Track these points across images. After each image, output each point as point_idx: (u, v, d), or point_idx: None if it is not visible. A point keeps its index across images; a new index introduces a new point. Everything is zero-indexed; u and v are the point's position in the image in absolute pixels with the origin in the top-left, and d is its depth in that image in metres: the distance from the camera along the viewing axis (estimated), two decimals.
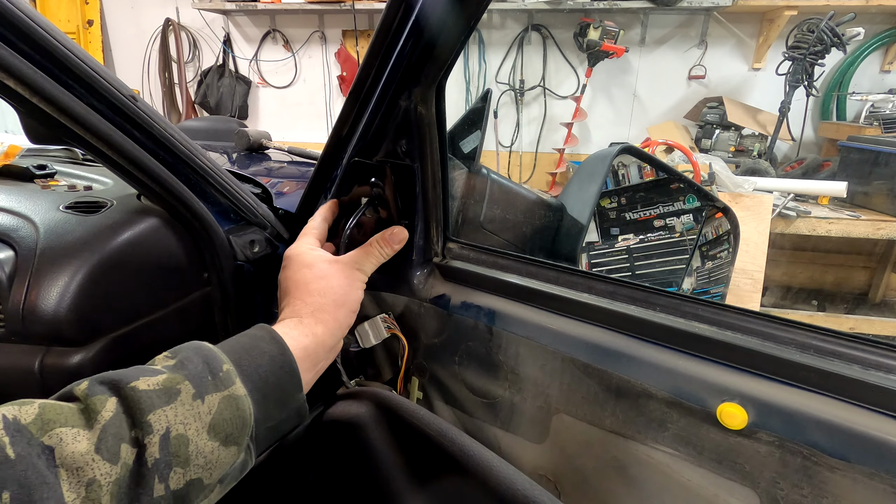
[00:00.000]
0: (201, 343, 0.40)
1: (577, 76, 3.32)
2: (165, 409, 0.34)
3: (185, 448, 0.34)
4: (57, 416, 0.31)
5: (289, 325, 0.48)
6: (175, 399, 0.35)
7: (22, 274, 0.55)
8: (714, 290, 1.21)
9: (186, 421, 0.35)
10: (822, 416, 0.38)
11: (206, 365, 0.38)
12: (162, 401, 0.34)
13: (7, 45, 0.42)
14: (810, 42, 2.46)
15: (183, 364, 0.37)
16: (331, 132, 0.62)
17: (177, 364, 0.37)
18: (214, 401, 0.36)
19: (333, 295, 0.51)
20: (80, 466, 0.30)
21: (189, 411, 0.35)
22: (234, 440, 0.37)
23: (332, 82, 3.69)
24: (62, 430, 0.31)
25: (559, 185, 3.29)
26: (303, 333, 0.48)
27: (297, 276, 0.53)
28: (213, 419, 0.36)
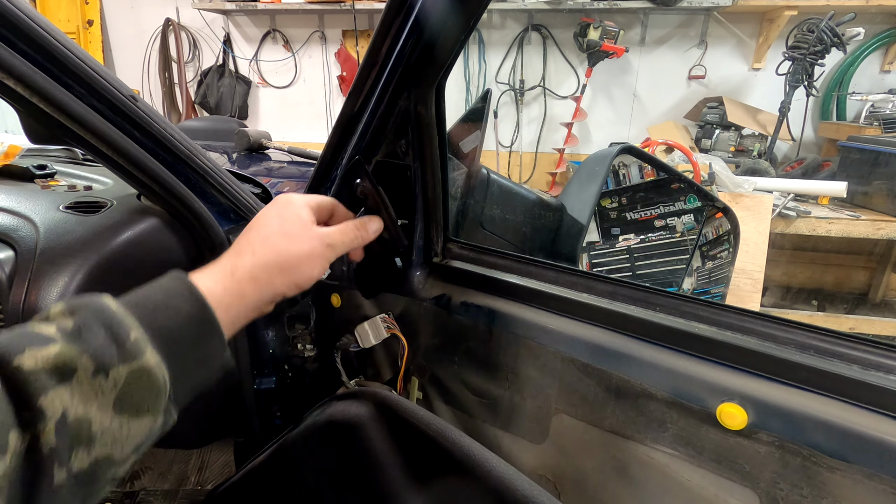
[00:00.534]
0: (103, 301, 0.35)
1: (577, 76, 3.32)
2: (58, 390, 0.30)
3: (88, 428, 0.31)
4: None
5: (216, 276, 0.43)
6: (71, 378, 0.31)
7: (22, 274, 0.55)
8: (714, 290, 1.21)
9: (87, 399, 0.31)
10: (822, 416, 0.38)
11: (110, 333, 0.33)
12: (53, 381, 0.30)
13: (7, 45, 0.42)
14: (810, 42, 2.46)
15: (80, 333, 0.33)
16: (331, 132, 0.62)
17: (73, 331, 0.33)
18: (121, 374, 0.32)
19: (287, 259, 0.47)
20: None
21: (89, 389, 0.31)
22: (147, 410, 0.34)
23: (332, 82, 3.69)
24: None
25: (559, 185, 3.29)
26: (228, 290, 0.43)
27: (265, 220, 0.48)
28: (120, 394, 0.32)
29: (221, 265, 0.45)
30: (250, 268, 0.45)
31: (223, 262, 0.45)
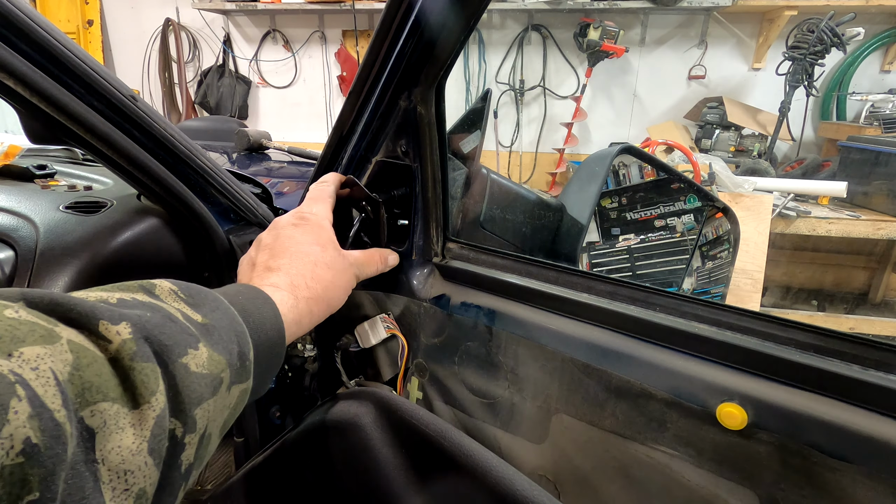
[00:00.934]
0: (230, 309, 0.34)
1: (577, 76, 3.32)
2: (209, 403, 0.28)
3: (206, 449, 0.30)
4: (97, 380, 0.23)
5: (286, 302, 0.43)
6: (218, 391, 0.29)
7: (22, 274, 0.55)
8: (714, 290, 1.21)
9: (215, 418, 0.30)
10: (822, 416, 0.38)
11: (238, 349, 0.32)
12: (209, 391, 0.28)
13: (7, 45, 0.42)
14: (810, 42, 2.46)
15: (215, 336, 0.31)
16: (331, 132, 0.62)
17: (209, 332, 0.31)
18: (235, 393, 0.32)
19: (332, 293, 0.47)
20: (129, 470, 0.23)
21: (220, 402, 0.30)
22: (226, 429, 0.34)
23: (332, 82, 3.69)
24: (105, 407, 0.22)
25: (559, 185, 3.29)
26: (293, 320, 0.43)
27: (308, 248, 0.47)
28: (229, 415, 0.32)
29: (284, 296, 0.43)
30: (307, 301, 0.44)
31: (286, 293, 0.43)
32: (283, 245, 0.47)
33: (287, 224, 0.50)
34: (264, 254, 0.47)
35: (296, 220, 0.50)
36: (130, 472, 0.23)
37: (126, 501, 0.22)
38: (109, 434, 0.22)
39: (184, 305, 0.31)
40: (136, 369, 0.24)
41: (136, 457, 0.23)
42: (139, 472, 0.23)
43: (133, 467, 0.23)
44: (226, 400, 0.30)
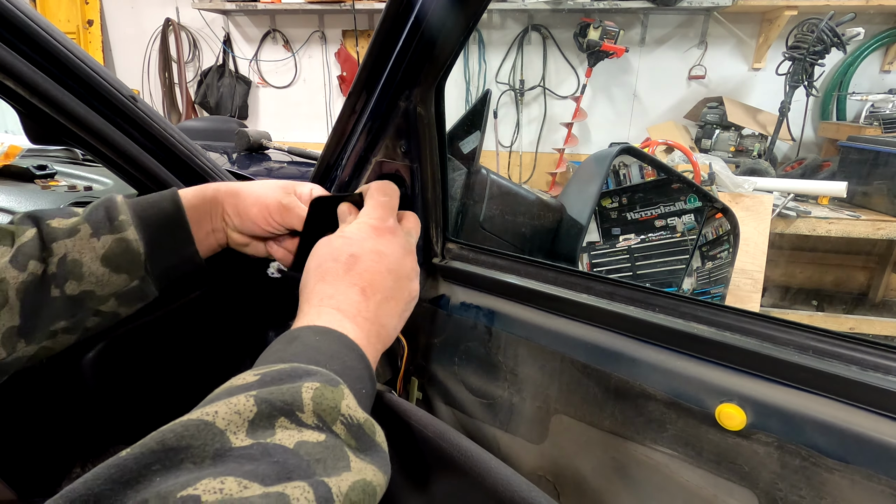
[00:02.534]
0: (114, 195, 0.48)
1: (577, 76, 3.32)
2: (66, 241, 0.45)
3: (79, 268, 0.45)
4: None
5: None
6: (75, 235, 0.45)
7: None
8: (714, 291, 1.21)
9: (82, 251, 0.45)
10: (821, 417, 0.38)
11: (107, 214, 0.47)
12: (64, 234, 0.45)
13: (7, 45, 0.42)
14: (810, 42, 2.46)
15: (90, 212, 0.47)
16: (331, 132, 0.62)
17: (85, 211, 0.47)
18: (108, 240, 0.46)
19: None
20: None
21: (85, 244, 0.45)
22: (125, 269, 0.47)
23: (332, 82, 3.69)
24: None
25: (559, 185, 3.29)
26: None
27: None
28: (105, 253, 0.46)
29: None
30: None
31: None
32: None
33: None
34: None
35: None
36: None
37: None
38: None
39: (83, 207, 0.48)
40: (16, 228, 0.46)
41: (1, 265, 0.44)
42: (2, 271, 0.44)
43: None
44: (92, 242, 0.46)
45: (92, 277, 0.46)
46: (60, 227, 0.46)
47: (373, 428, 0.35)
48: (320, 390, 0.32)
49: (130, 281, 0.48)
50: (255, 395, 0.30)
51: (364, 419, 0.34)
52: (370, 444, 0.34)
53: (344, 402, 0.33)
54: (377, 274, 0.44)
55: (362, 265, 0.44)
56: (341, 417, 0.33)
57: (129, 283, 0.48)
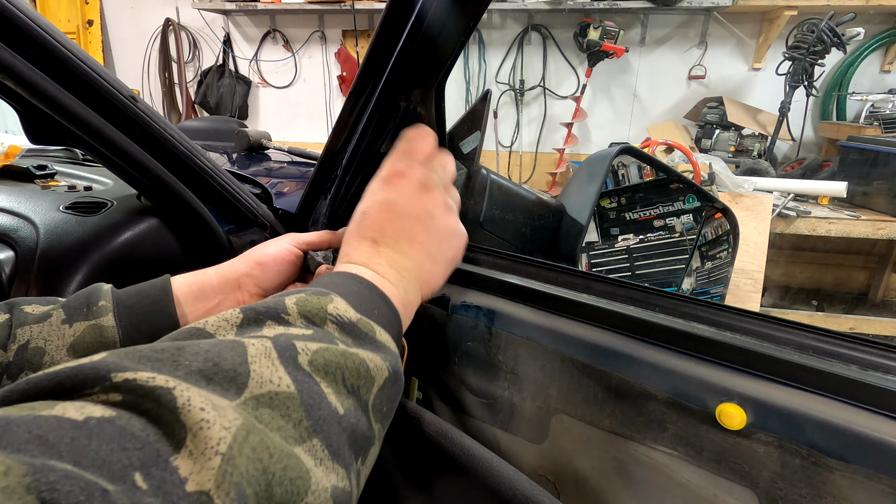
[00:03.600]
0: (102, 284, 0.45)
1: (577, 76, 3.32)
2: (32, 327, 0.41)
3: (39, 358, 0.40)
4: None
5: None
6: (45, 321, 0.41)
7: (22, 274, 0.55)
8: (713, 291, 1.21)
9: (49, 338, 0.41)
10: (821, 416, 0.38)
11: (87, 300, 0.43)
12: (33, 320, 0.41)
13: (7, 45, 0.42)
14: (810, 42, 2.46)
15: (71, 298, 0.44)
16: (331, 132, 0.62)
17: (68, 299, 0.44)
18: (80, 327, 0.42)
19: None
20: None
21: (54, 331, 0.41)
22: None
23: (332, 82, 3.69)
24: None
25: (559, 185, 3.29)
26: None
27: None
28: (76, 340, 0.41)
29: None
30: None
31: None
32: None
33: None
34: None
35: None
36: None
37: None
38: None
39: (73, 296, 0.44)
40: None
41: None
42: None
43: None
44: (62, 329, 0.42)
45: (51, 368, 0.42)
46: (33, 312, 0.42)
47: (370, 327, 0.34)
48: (304, 297, 0.33)
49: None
50: (242, 307, 0.32)
51: (357, 318, 0.34)
52: (368, 340, 0.33)
53: (331, 305, 0.33)
54: (386, 222, 0.44)
55: (370, 218, 0.44)
56: (329, 317, 0.33)
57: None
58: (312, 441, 0.26)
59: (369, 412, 0.31)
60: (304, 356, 0.28)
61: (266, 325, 0.31)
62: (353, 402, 0.29)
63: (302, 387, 0.27)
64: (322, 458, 0.26)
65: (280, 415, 0.25)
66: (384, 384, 0.32)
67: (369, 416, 0.30)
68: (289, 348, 0.28)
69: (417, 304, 0.44)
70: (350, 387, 0.30)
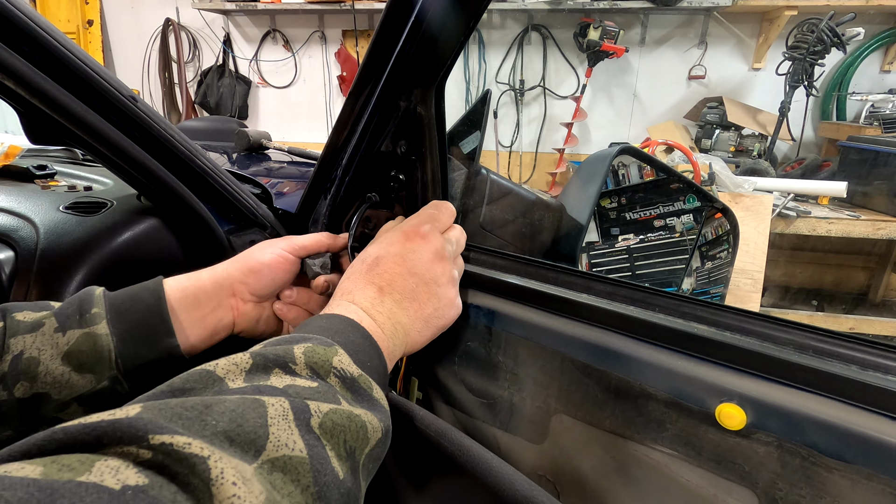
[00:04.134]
0: (94, 288, 0.45)
1: (577, 76, 3.32)
2: (25, 336, 0.40)
3: (34, 368, 0.40)
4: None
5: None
6: (38, 330, 0.41)
7: (22, 274, 0.55)
8: (713, 291, 1.21)
9: (42, 347, 0.40)
10: (821, 416, 0.38)
11: (79, 307, 0.43)
12: (26, 329, 0.41)
13: (7, 45, 0.42)
14: (810, 42, 2.46)
15: (63, 305, 0.43)
16: (331, 132, 0.62)
17: (60, 305, 0.43)
18: (74, 335, 0.41)
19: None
20: None
21: (48, 341, 0.41)
22: (89, 368, 0.41)
23: (332, 82, 3.69)
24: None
25: (559, 185, 3.29)
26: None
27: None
28: (69, 349, 0.41)
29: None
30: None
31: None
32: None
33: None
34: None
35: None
36: None
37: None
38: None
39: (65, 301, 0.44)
40: None
41: None
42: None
43: None
44: (56, 337, 0.41)
45: (48, 378, 0.40)
46: (25, 320, 0.41)
47: (369, 384, 0.36)
48: (311, 347, 0.34)
49: (98, 382, 0.42)
50: (251, 351, 0.33)
51: (359, 374, 0.35)
52: (366, 397, 0.35)
53: (336, 358, 0.35)
54: (397, 275, 0.46)
55: (383, 265, 0.46)
56: (333, 370, 0.34)
57: (95, 384, 0.42)
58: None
59: (359, 472, 0.31)
60: (316, 419, 0.29)
61: (273, 373, 0.32)
62: (349, 465, 0.30)
63: (312, 451, 0.28)
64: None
65: (291, 480, 0.26)
66: (376, 444, 0.34)
67: (358, 476, 0.31)
68: (304, 410, 0.29)
69: (398, 359, 0.46)
70: (348, 449, 0.30)
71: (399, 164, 0.62)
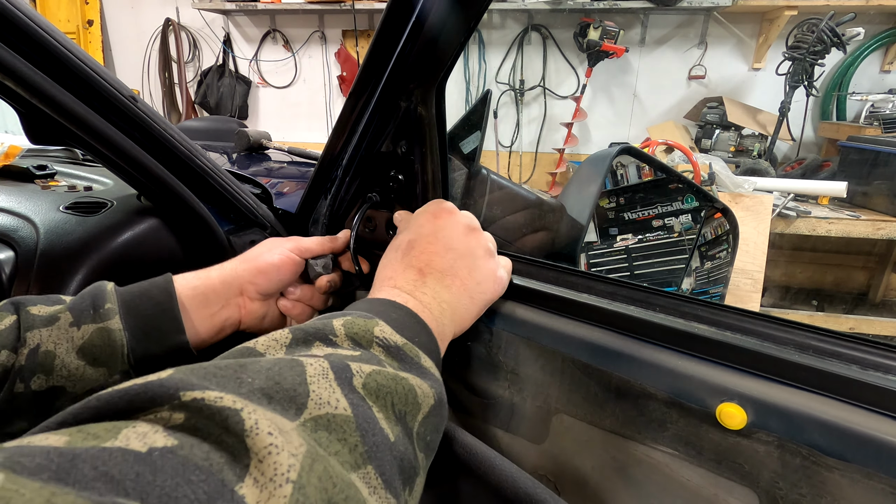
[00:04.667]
0: (105, 283, 0.45)
1: (577, 76, 3.32)
2: (41, 330, 0.41)
3: (51, 361, 0.40)
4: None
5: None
6: (53, 324, 0.41)
7: (22, 274, 0.55)
8: (713, 291, 1.21)
9: (58, 341, 0.41)
10: (821, 416, 0.38)
11: (93, 302, 0.43)
12: (42, 323, 0.41)
13: (7, 45, 0.42)
14: (810, 42, 2.46)
15: (76, 300, 0.44)
16: (331, 132, 0.62)
17: (72, 299, 0.44)
18: (89, 329, 0.42)
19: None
20: None
21: (63, 335, 0.41)
22: (103, 362, 0.42)
23: (332, 82, 3.69)
24: None
25: (559, 185, 3.29)
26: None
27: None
28: (84, 343, 0.42)
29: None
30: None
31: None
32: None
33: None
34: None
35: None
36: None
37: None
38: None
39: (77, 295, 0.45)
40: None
41: None
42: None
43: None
44: (71, 331, 0.42)
45: (63, 371, 0.41)
46: (40, 314, 0.42)
47: (416, 352, 0.35)
48: (351, 320, 0.34)
49: (110, 376, 0.43)
50: (291, 328, 0.32)
51: (403, 343, 0.34)
52: (414, 364, 0.34)
53: (377, 328, 0.34)
54: (434, 254, 0.46)
55: (419, 247, 0.46)
56: (376, 339, 0.33)
57: (107, 377, 0.43)
58: (367, 468, 0.25)
59: (414, 440, 0.30)
60: (359, 378, 0.28)
61: (315, 346, 0.31)
62: (400, 429, 0.29)
63: (357, 410, 0.27)
64: (375, 486, 0.25)
65: (337, 438, 0.25)
66: (429, 412, 0.33)
67: (414, 444, 0.30)
68: (345, 369, 0.28)
69: (450, 339, 0.45)
70: (398, 413, 0.29)
71: (399, 164, 0.62)
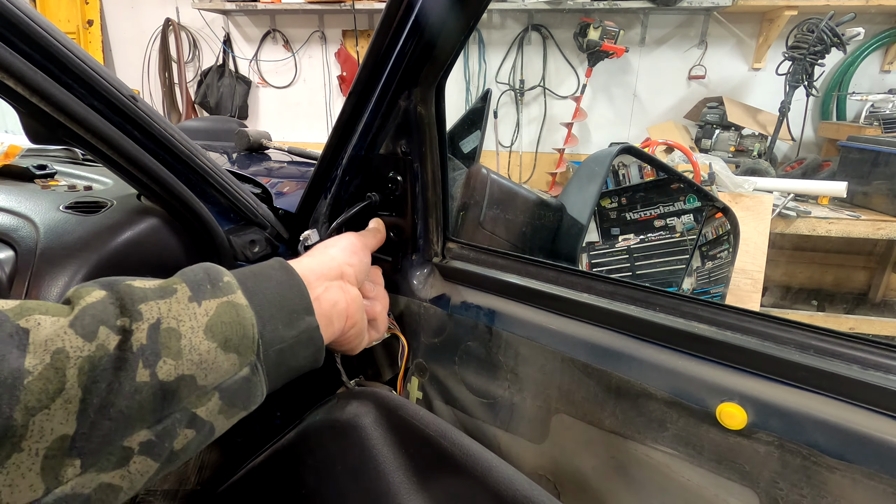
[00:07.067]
0: (206, 263, 0.39)
1: (577, 76, 3.32)
2: (158, 302, 0.33)
3: (177, 342, 0.32)
4: (38, 306, 0.29)
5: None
6: (170, 296, 0.34)
7: (22, 274, 0.55)
8: (714, 290, 1.21)
9: (180, 317, 0.33)
10: (822, 416, 0.38)
11: (207, 275, 0.37)
12: (155, 294, 0.34)
13: (7, 45, 0.42)
14: (810, 42, 2.46)
15: (183, 273, 0.37)
16: (331, 132, 0.62)
17: (179, 272, 0.38)
18: (212, 305, 0.35)
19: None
20: (49, 338, 0.28)
21: (184, 310, 0.34)
22: (234, 347, 0.35)
23: (332, 82, 3.69)
24: (42, 318, 0.28)
25: (559, 185, 3.29)
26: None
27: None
28: (211, 321, 0.34)
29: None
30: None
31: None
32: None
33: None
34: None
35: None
36: (50, 339, 0.28)
37: (44, 355, 0.28)
38: (42, 330, 0.28)
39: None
40: (76, 292, 0.33)
41: (57, 331, 0.29)
42: (57, 338, 0.29)
43: (52, 336, 0.28)
44: (192, 307, 0.35)
45: (194, 355, 0.33)
46: (145, 286, 0.34)
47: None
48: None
49: (240, 367, 0.36)
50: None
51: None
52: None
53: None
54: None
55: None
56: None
57: (237, 369, 0.35)
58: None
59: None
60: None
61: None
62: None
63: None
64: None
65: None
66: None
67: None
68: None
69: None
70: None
71: (399, 164, 0.62)
